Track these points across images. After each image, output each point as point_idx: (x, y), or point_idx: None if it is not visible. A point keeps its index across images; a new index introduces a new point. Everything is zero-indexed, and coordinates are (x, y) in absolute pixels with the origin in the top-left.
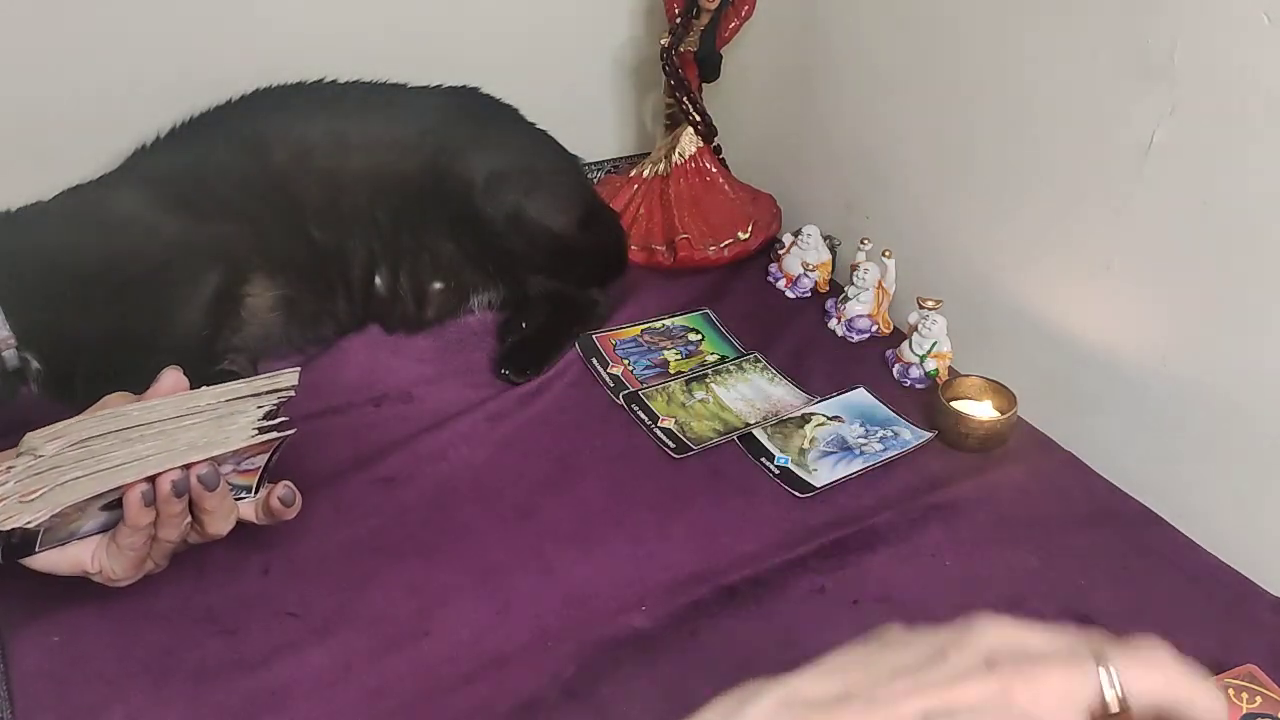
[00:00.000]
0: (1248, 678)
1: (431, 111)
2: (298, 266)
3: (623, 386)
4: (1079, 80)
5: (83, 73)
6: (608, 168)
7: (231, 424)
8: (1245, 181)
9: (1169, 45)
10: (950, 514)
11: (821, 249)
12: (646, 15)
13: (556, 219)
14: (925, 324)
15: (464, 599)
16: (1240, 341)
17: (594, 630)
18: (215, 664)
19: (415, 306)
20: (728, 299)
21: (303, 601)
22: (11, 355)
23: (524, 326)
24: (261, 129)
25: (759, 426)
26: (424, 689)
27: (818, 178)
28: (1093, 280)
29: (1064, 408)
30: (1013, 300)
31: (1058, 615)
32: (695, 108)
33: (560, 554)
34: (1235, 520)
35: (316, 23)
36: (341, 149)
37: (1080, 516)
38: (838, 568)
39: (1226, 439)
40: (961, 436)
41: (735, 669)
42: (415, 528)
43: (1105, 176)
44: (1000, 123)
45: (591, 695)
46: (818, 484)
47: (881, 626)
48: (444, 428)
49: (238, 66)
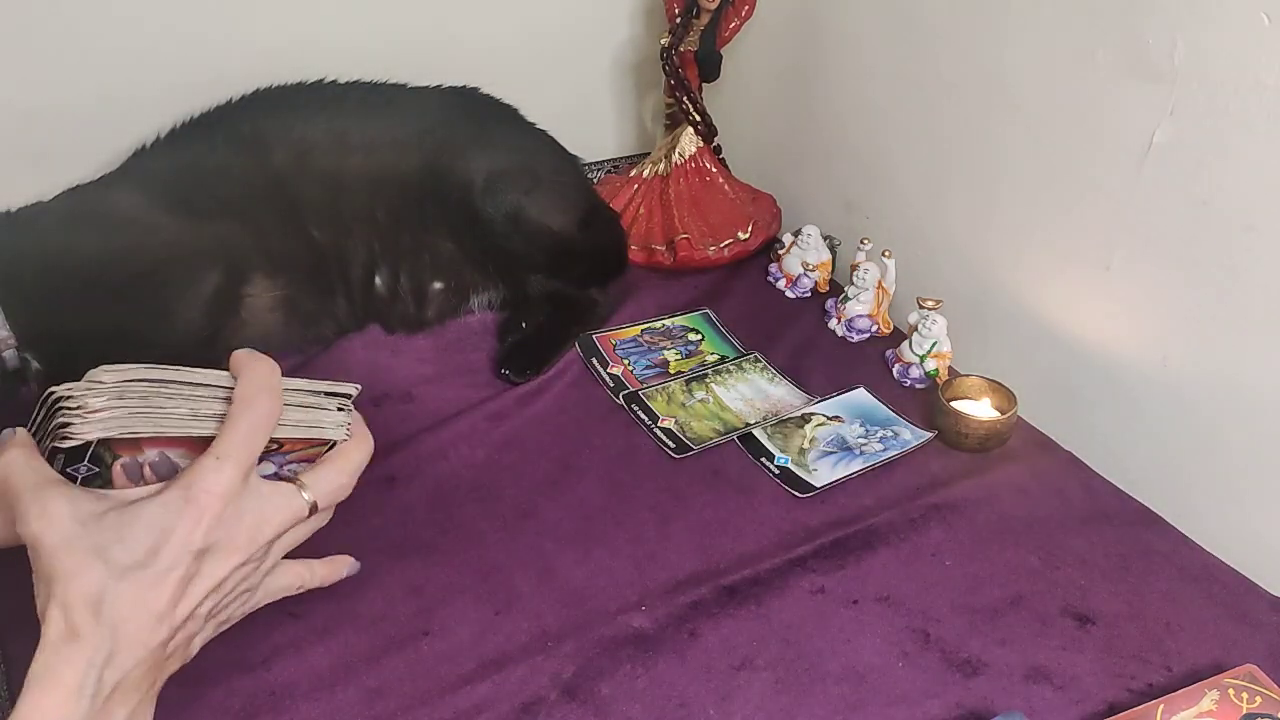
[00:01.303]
0: (1248, 678)
1: (431, 111)
2: (298, 266)
3: (623, 386)
4: (1079, 81)
5: (82, 73)
6: (608, 168)
7: (323, 415)
8: (1245, 181)
9: (1169, 45)
10: (950, 514)
11: (821, 249)
12: (646, 15)
13: (556, 219)
14: (925, 324)
15: (464, 599)
16: (1240, 341)
17: (594, 630)
18: (215, 664)
19: (415, 306)
20: (728, 299)
21: (303, 601)
22: (11, 355)
23: (524, 326)
24: (261, 129)
25: (759, 426)
26: (424, 689)
27: (818, 178)
28: (1093, 280)
29: (1064, 408)
30: (1013, 300)
31: (1058, 615)
32: (695, 108)
33: (560, 554)
34: (1235, 520)
35: (316, 23)
36: (341, 149)
37: (1080, 516)
38: (838, 568)
39: (1226, 439)
40: (961, 436)
41: (735, 669)
42: (415, 527)
43: (1105, 177)
44: (1000, 123)
45: (591, 695)
46: (818, 484)
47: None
48: (444, 428)
49: (238, 66)
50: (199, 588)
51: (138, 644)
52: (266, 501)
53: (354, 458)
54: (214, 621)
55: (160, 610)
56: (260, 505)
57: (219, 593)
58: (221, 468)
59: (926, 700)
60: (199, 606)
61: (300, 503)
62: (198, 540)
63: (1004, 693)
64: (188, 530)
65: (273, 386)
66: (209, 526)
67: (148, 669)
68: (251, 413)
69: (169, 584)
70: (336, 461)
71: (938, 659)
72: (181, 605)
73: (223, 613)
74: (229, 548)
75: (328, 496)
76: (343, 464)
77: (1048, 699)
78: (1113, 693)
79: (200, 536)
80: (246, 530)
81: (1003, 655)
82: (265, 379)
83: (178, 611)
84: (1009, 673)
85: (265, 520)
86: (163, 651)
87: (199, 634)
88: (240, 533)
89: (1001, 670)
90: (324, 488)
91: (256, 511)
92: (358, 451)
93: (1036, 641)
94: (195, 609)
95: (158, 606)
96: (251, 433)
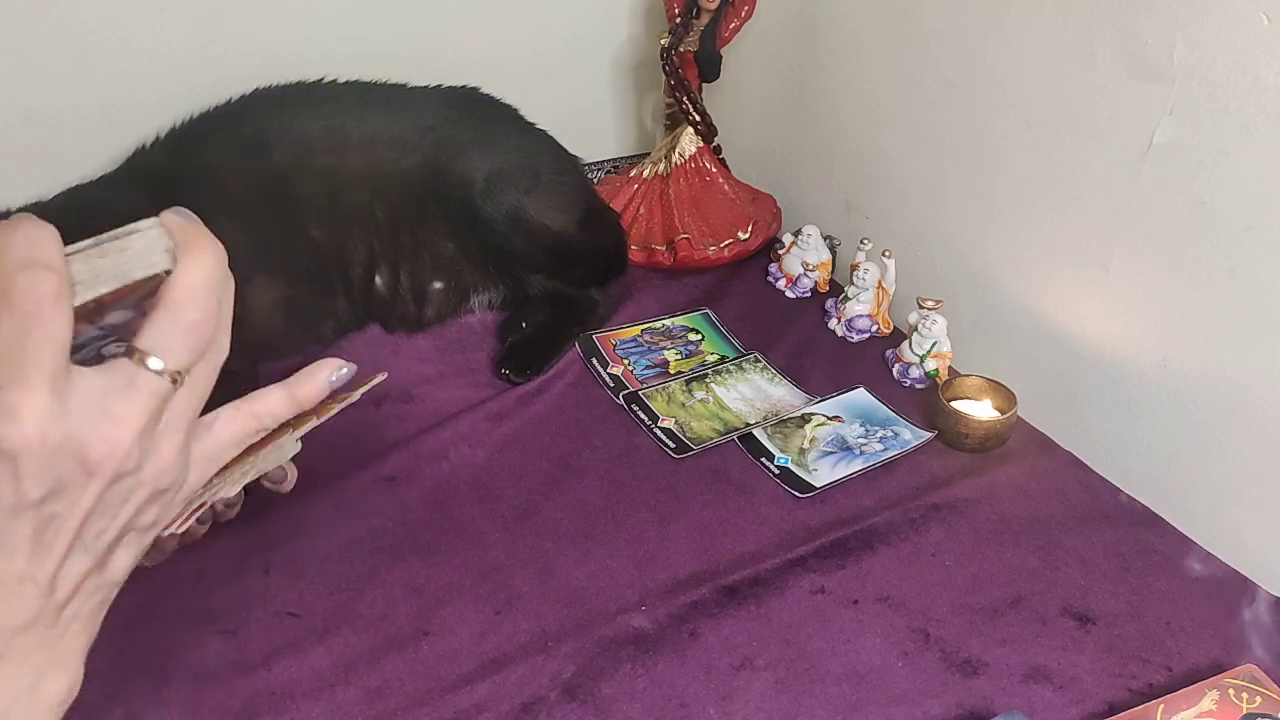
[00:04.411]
0: (1248, 678)
1: (431, 111)
2: (298, 266)
3: (623, 386)
4: (1078, 81)
5: (83, 73)
6: (608, 168)
7: (127, 249)
8: (1244, 181)
9: (1169, 45)
10: (950, 514)
11: (821, 249)
12: (646, 15)
13: (556, 219)
14: (925, 324)
15: (464, 599)
16: (1240, 341)
17: (594, 630)
18: (215, 664)
19: (415, 306)
20: (728, 299)
21: (303, 601)
22: None
23: (524, 326)
24: (261, 129)
25: (759, 426)
26: (424, 689)
27: (818, 178)
28: (1092, 280)
29: (1064, 408)
30: (1012, 300)
31: (1058, 615)
32: (695, 108)
33: (560, 554)
34: (1235, 520)
35: (316, 23)
36: (341, 149)
37: (1080, 516)
38: (838, 568)
39: (1226, 439)
40: (961, 436)
41: (735, 669)
42: (416, 527)
43: (1105, 177)
44: (1000, 123)
45: (591, 695)
46: (818, 484)
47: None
48: (444, 427)
49: (238, 67)
50: (59, 534)
51: (7, 613)
52: (100, 399)
53: (194, 277)
54: (135, 534)
55: (19, 573)
56: (93, 408)
57: (99, 520)
58: (10, 399)
59: (926, 700)
60: (74, 545)
61: (147, 377)
62: (30, 493)
63: (1004, 693)
64: (7, 490)
65: (31, 256)
66: (32, 474)
67: (45, 628)
68: (12, 309)
69: (17, 547)
70: (173, 295)
71: (938, 659)
72: (45, 560)
73: (143, 519)
74: (76, 479)
75: (185, 349)
76: (183, 296)
77: (1048, 699)
78: (1113, 693)
79: (30, 488)
80: (90, 450)
81: (1003, 655)
82: (21, 253)
83: (44, 568)
84: (1009, 673)
85: (111, 424)
86: (52, 602)
87: (122, 552)
88: (83, 457)
89: (1001, 670)
90: (172, 340)
91: (91, 420)
92: (196, 267)
93: (1036, 641)
94: (69, 551)
95: (14, 571)
96: (22, 333)
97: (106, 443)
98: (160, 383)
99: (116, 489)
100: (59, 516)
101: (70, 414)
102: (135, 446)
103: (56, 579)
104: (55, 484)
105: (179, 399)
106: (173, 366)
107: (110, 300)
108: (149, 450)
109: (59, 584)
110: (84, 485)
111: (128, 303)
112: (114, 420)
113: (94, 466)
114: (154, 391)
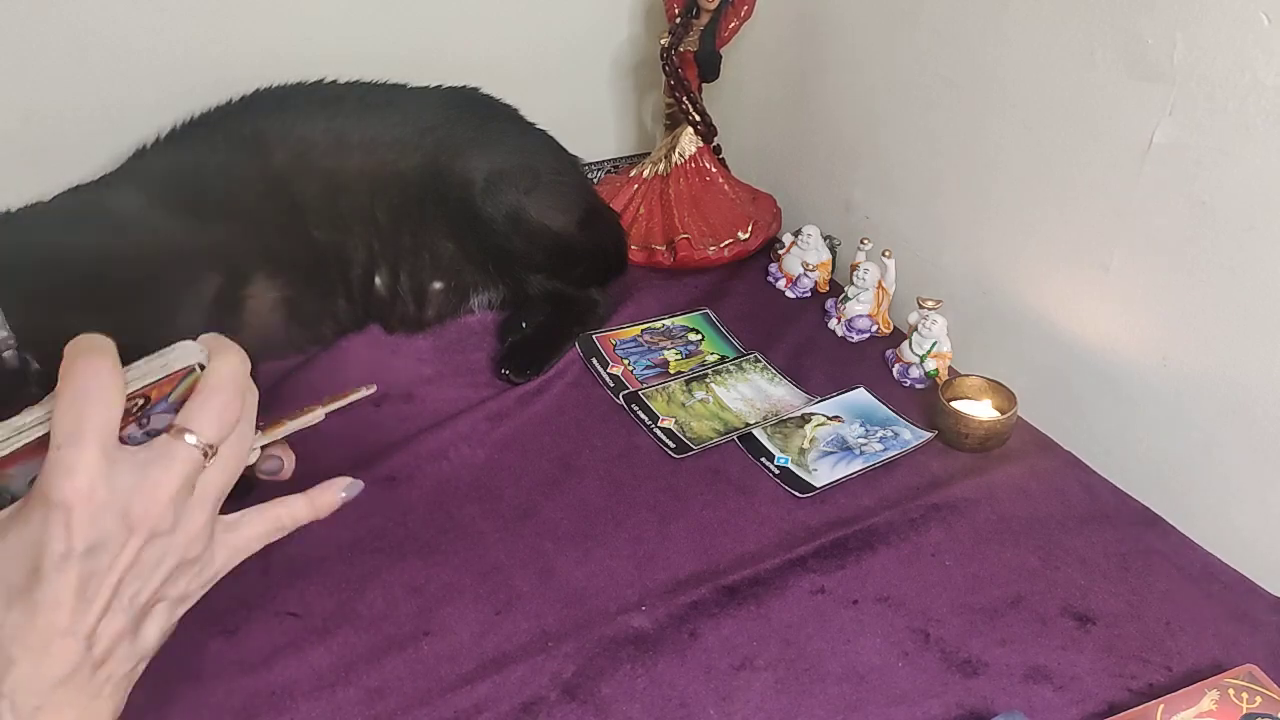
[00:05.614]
0: (1248, 678)
1: (431, 111)
2: (298, 267)
3: (623, 386)
4: (1078, 80)
5: (83, 73)
6: (608, 168)
7: (168, 351)
8: (1244, 181)
9: (1169, 45)
10: (950, 514)
11: (821, 249)
12: (646, 15)
13: (556, 219)
14: (925, 324)
15: (464, 599)
16: (1240, 341)
17: (594, 630)
18: (215, 664)
19: (415, 306)
20: (728, 299)
21: (303, 601)
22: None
23: (524, 326)
24: (261, 129)
25: (759, 426)
26: (424, 689)
27: (818, 178)
28: (1092, 280)
29: (1064, 408)
30: (1012, 300)
31: (1058, 615)
32: (695, 108)
33: (560, 554)
34: (1235, 520)
35: (316, 23)
36: (341, 149)
37: (1080, 516)
38: (838, 568)
39: (1226, 439)
40: (961, 436)
41: (735, 669)
42: (416, 527)
43: (1105, 176)
44: (1000, 123)
45: (591, 695)
46: (818, 484)
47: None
48: (444, 427)
49: (238, 67)
50: (100, 588)
51: (49, 665)
52: (143, 467)
53: (223, 370)
54: (165, 605)
55: (63, 626)
56: (136, 473)
57: (136, 580)
58: (67, 457)
59: (926, 700)
60: (113, 603)
61: (184, 449)
62: (77, 543)
63: (1004, 693)
64: (59, 538)
65: (91, 347)
66: (81, 525)
67: (82, 684)
68: (72, 384)
69: (61, 598)
70: (207, 382)
71: (938, 659)
72: (86, 614)
73: (173, 590)
74: (118, 534)
75: (215, 426)
76: (214, 383)
77: (1048, 699)
78: (1113, 693)
79: (78, 538)
80: (132, 508)
81: (1003, 655)
82: (83, 344)
83: (85, 621)
84: (1009, 673)
85: (151, 486)
86: (90, 659)
87: (152, 622)
88: (125, 514)
89: (1001, 670)
90: (204, 418)
91: (134, 482)
92: (224, 363)
93: (1036, 641)
94: (108, 607)
95: (58, 624)
96: (80, 403)
97: (146, 502)
98: (194, 454)
99: (152, 549)
100: (100, 572)
101: (117, 476)
102: (170, 509)
103: (95, 635)
104: (100, 536)
105: (210, 474)
106: (205, 441)
107: (155, 396)
108: (182, 516)
109: (97, 640)
110: (124, 541)
111: (168, 403)
112: (154, 483)
113: (134, 523)
114: (189, 459)
